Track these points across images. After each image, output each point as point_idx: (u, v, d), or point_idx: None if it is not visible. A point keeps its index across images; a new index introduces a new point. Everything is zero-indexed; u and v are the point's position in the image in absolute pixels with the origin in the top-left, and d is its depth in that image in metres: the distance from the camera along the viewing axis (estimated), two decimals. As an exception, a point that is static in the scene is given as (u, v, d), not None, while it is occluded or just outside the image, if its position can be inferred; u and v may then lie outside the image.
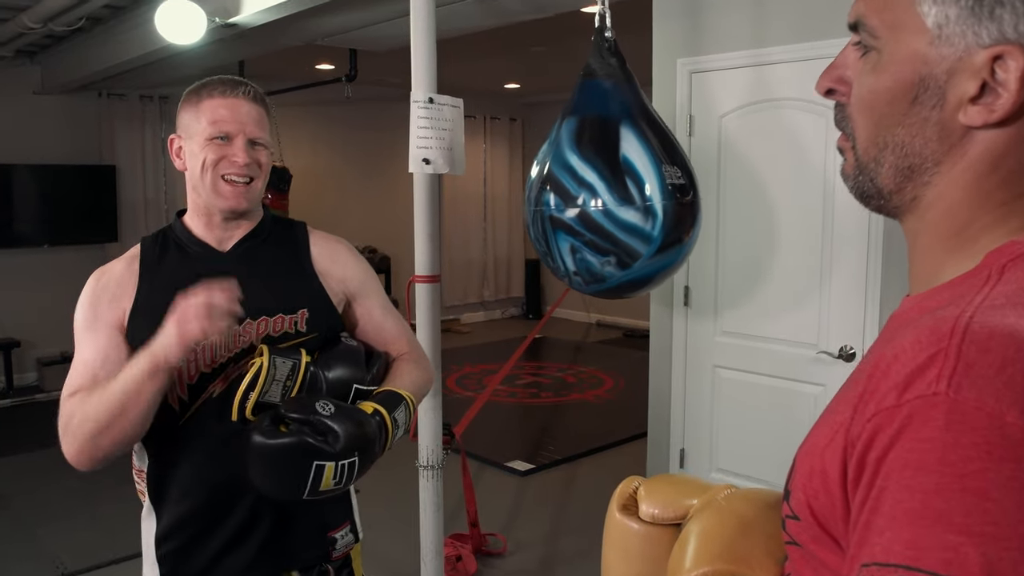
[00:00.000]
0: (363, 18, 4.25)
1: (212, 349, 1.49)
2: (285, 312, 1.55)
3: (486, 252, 10.13)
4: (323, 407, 1.40)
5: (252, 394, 1.42)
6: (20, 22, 4.86)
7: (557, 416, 6.12)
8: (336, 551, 1.63)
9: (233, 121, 1.53)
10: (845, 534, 0.63)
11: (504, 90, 9.08)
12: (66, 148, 6.96)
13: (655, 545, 0.93)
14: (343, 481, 1.39)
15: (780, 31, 3.11)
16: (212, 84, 1.56)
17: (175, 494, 1.53)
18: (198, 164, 1.53)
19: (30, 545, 3.91)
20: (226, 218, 1.58)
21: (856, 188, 0.74)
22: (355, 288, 1.67)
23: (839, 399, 0.68)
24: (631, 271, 2.54)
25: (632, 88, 2.62)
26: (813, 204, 3.08)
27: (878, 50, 0.69)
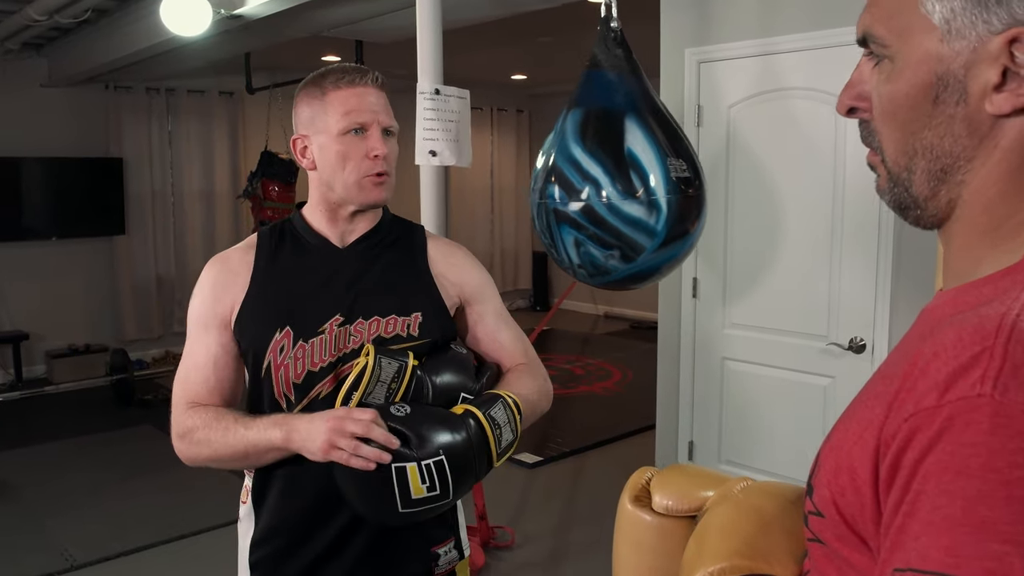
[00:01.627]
0: (368, 9, 4.23)
1: (321, 348, 1.45)
2: (399, 314, 1.49)
3: (493, 244, 10.11)
4: (397, 409, 1.35)
5: (355, 393, 1.37)
6: (26, 14, 4.86)
7: (565, 408, 6.11)
8: (439, 567, 1.55)
9: (366, 111, 1.47)
10: (874, 535, 0.61)
11: (511, 81, 9.04)
12: (73, 141, 6.96)
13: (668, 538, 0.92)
14: (438, 486, 1.31)
15: (789, 20, 3.08)
16: (335, 74, 1.49)
17: (277, 497, 1.49)
18: (336, 161, 1.47)
19: (39, 537, 3.92)
20: (356, 212, 1.53)
21: (893, 201, 0.72)
22: (470, 293, 1.60)
23: (869, 394, 0.66)
24: (635, 265, 2.53)
25: (638, 79, 2.60)
26: (823, 194, 3.05)
27: (890, 58, 0.67)
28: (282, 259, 1.53)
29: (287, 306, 1.47)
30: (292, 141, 1.54)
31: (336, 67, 1.51)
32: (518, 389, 1.49)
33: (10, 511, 4.25)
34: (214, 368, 1.48)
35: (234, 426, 1.41)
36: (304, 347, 1.44)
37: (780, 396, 3.25)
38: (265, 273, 1.51)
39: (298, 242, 1.55)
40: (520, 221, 10.27)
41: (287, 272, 1.51)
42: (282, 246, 1.55)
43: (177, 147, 7.52)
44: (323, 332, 1.45)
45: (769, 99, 3.18)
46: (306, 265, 1.52)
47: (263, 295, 1.49)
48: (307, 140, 1.51)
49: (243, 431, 1.40)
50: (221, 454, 1.42)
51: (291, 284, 1.50)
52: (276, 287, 1.49)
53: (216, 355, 1.48)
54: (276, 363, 1.45)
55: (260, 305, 1.48)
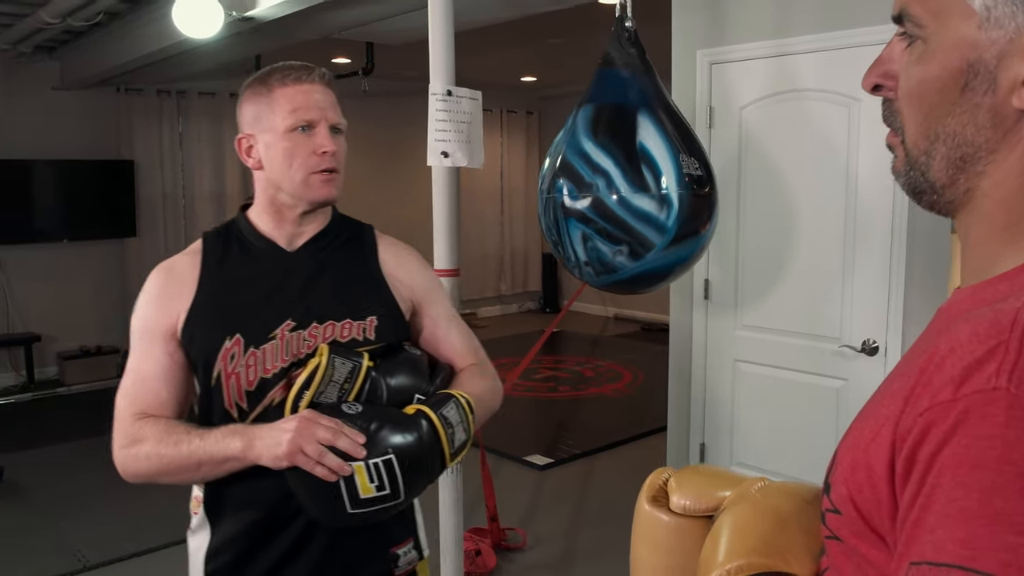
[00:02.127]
0: (380, 11, 4.24)
1: (273, 354, 1.42)
2: (354, 318, 1.47)
3: (503, 246, 10.11)
4: (349, 408, 1.33)
5: (307, 393, 1.34)
6: (38, 18, 4.89)
7: (575, 410, 6.10)
8: (399, 568, 1.54)
9: (313, 108, 1.45)
10: (891, 530, 0.61)
11: (521, 83, 9.05)
12: (85, 143, 7.00)
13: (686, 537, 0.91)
14: (387, 486, 1.30)
15: (802, 21, 3.07)
16: (281, 71, 1.47)
17: (232, 507, 1.45)
18: (281, 158, 1.44)
19: (52, 537, 3.93)
20: (305, 213, 1.49)
21: (908, 184, 0.71)
22: (421, 296, 1.58)
23: (885, 392, 0.66)
24: (644, 262, 2.48)
25: (651, 78, 2.59)
26: (836, 196, 3.04)
27: (924, 39, 0.66)
28: (229, 264, 1.49)
29: (236, 312, 1.44)
30: (237, 141, 1.50)
31: (282, 65, 1.48)
32: (470, 389, 1.49)
33: (23, 512, 4.26)
34: (163, 380, 1.42)
35: (186, 437, 1.35)
36: (256, 353, 1.41)
37: (792, 398, 3.24)
38: (212, 279, 1.46)
39: (245, 246, 1.50)
40: (530, 223, 10.26)
41: (235, 277, 1.47)
42: (228, 251, 1.50)
43: (188, 149, 7.55)
44: (274, 338, 1.42)
45: (782, 100, 3.17)
46: (255, 270, 1.48)
47: (211, 302, 1.44)
48: (252, 139, 1.48)
49: (198, 442, 1.34)
50: (172, 468, 1.35)
51: (240, 290, 1.46)
52: (224, 293, 1.45)
53: (165, 366, 1.42)
54: (227, 371, 1.41)
55: (208, 313, 1.43)
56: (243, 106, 1.49)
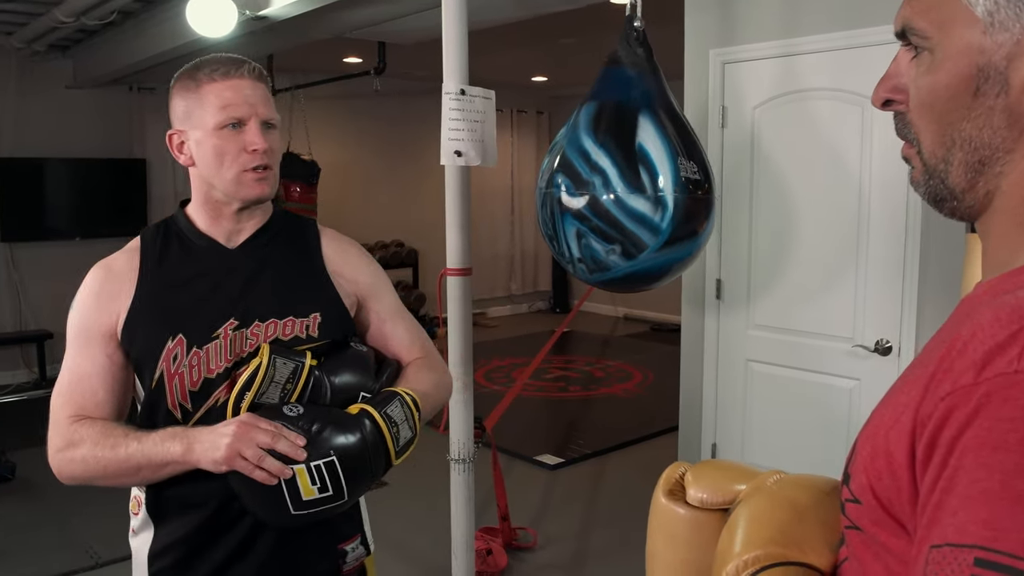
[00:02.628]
0: (392, 10, 4.24)
1: (216, 354, 1.40)
2: (296, 316, 1.45)
3: (513, 246, 10.12)
4: (290, 410, 1.31)
5: (247, 394, 1.32)
6: (53, 16, 4.92)
7: (585, 410, 6.10)
8: (347, 564, 1.53)
9: (242, 104, 1.40)
10: (911, 517, 0.61)
11: (531, 83, 9.05)
12: (97, 142, 7.03)
13: (702, 530, 0.91)
14: (330, 487, 1.28)
15: (814, 20, 3.06)
16: (209, 65, 1.42)
17: (176, 507, 1.42)
18: (213, 156, 1.40)
19: (64, 534, 3.96)
20: (241, 209, 1.46)
21: (928, 193, 0.72)
22: (365, 290, 1.57)
23: (905, 380, 0.67)
24: (636, 262, 2.48)
25: (656, 79, 2.58)
26: (848, 195, 3.03)
27: (930, 50, 0.68)
28: (169, 262, 1.45)
29: (178, 312, 1.41)
30: (168, 136, 1.47)
31: (211, 58, 1.44)
32: (416, 384, 1.46)
33: (35, 508, 4.29)
34: (101, 380, 1.38)
35: (124, 440, 1.32)
36: (199, 353, 1.38)
37: (805, 398, 3.23)
38: (152, 278, 1.43)
39: (184, 243, 1.47)
40: (539, 223, 10.26)
41: (175, 276, 1.44)
42: (168, 248, 1.46)
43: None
44: (218, 337, 1.40)
45: (794, 100, 3.16)
46: (195, 268, 1.45)
47: (152, 302, 1.41)
48: (184, 135, 1.44)
49: (136, 445, 1.31)
50: (110, 472, 1.32)
51: (181, 288, 1.43)
52: (165, 292, 1.41)
53: (103, 366, 1.39)
54: (170, 372, 1.38)
55: (149, 312, 1.40)
56: (173, 100, 1.45)
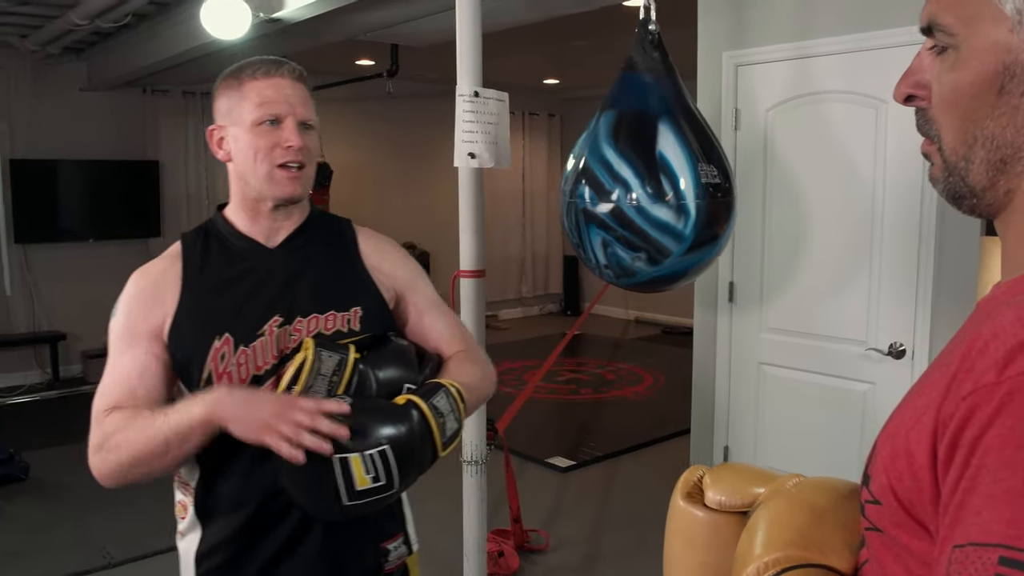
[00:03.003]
0: (405, 12, 4.25)
1: (263, 351, 1.42)
2: (337, 309, 1.47)
3: (524, 248, 10.12)
4: (340, 400, 1.33)
5: (295, 388, 1.33)
6: (68, 19, 4.94)
7: (597, 413, 6.09)
8: (388, 563, 1.54)
9: (281, 102, 1.44)
10: (933, 517, 0.61)
11: (543, 86, 9.05)
12: (111, 144, 7.07)
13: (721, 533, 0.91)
14: (383, 477, 1.28)
15: (827, 23, 3.05)
16: (252, 65, 1.47)
17: (224, 507, 1.43)
18: (248, 151, 1.44)
19: (77, 534, 3.97)
20: (276, 207, 1.48)
21: (947, 190, 0.72)
22: (404, 285, 1.58)
23: (925, 381, 0.66)
24: (661, 268, 2.53)
25: (673, 83, 2.59)
26: (862, 198, 3.02)
27: (955, 47, 0.67)
28: (211, 265, 1.47)
29: (223, 312, 1.42)
30: (208, 132, 1.50)
31: (254, 59, 1.48)
32: (460, 377, 1.47)
33: (48, 508, 4.31)
34: (141, 377, 1.39)
35: (151, 418, 1.32)
36: (246, 352, 1.40)
37: (818, 402, 3.22)
38: (196, 282, 1.45)
39: (225, 245, 1.50)
40: (551, 225, 10.26)
41: (219, 278, 1.46)
42: (208, 252, 1.49)
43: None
44: (263, 335, 1.42)
45: (807, 102, 3.15)
46: (237, 268, 1.47)
47: (197, 304, 1.43)
48: (223, 131, 1.48)
49: (159, 420, 1.31)
50: (140, 453, 1.31)
51: (225, 289, 1.45)
52: (210, 294, 1.44)
53: (144, 364, 1.39)
54: (218, 371, 1.40)
55: (195, 315, 1.42)
56: (217, 99, 1.50)
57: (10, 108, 6.59)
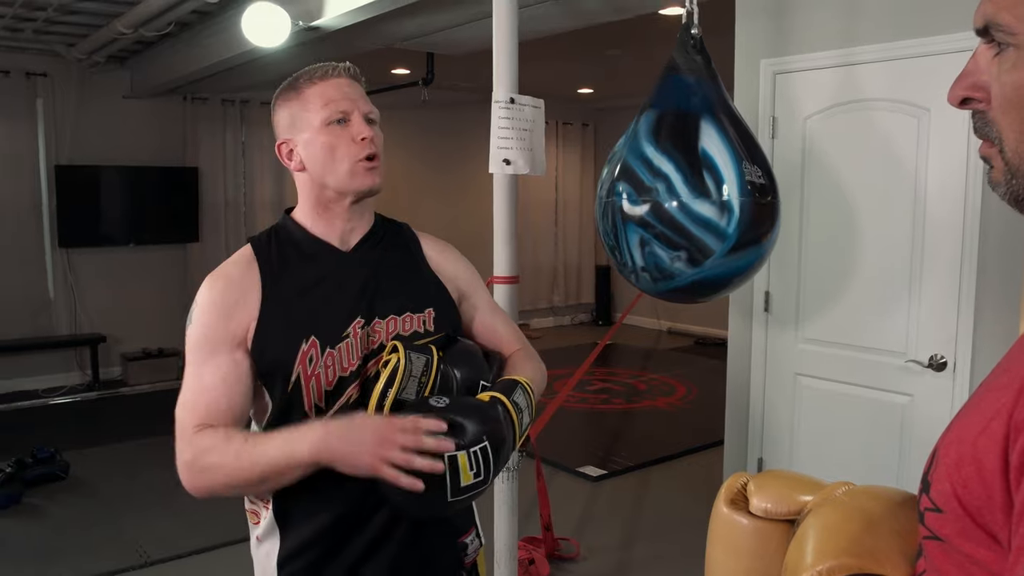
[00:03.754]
0: (443, 20, 4.28)
1: (348, 352, 1.42)
2: (413, 311, 1.49)
3: (556, 257, 10.11)
4: (436, 401, 1.35)
5: (391, 391, 1.34)
6: (114, 28, 5.05)
7: (628, 423, 6.06)
8: (468, 556, 1.55)
9: (344, 99, 1.46)
10: (1004, 526, 0.59)
11: (577, 95, 9.06)
12: (152, 150, 7.20)
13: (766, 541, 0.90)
14: (482, 472, 1.31)
15: (870, 30, 3.02)
16: (307, 73, 1.49)
17: (307, 510, 1.42)
18: (324, 152, 1.45)
19: (115, 532, 4.03)
20: (354, 203, 1.49)
21: (1010, 193, 0.70)
22: (465, 287, 1.62)
23: (991, 386, 0.65)
24: (702, 269, 2.42)
25: (716, 86, 2.56)
26: (903, 207, 2.98)
27: (1016, 46, 0.66)
28: (290, 268, 1.48)
29: (307, 315, 1.43)
30: (277, 147, 1.52)
31: (308, 68, 1.50)
32: (525, 373, 1.52)
33: (87, 507, 4.38)
34: (224, 387, 1.38)
35: (245, 447, 1.31)
36: (333, 354, 1.41)
37: (855, 414, 3.17)
38: (277, 285, 1.45)
39: (300, 249, 1.50)
40: (584, 235, 10.25)
41: (299, 280, 1.46)
42: (285, 256, 1.49)
43: (250, 157, 7.72)
44: (348, 336, 1.43)
45: (848, 110, 3.12)
46: (316, 271, 1.48)
47: (281, 308, 1.43)
48: (291, 143, 1.49)
49: (261, 451, 1.30)
50: (236, 480, 1.32)
51: (306, 293, 1.46)
52: (292, 298, 1.44)
53: (227, 373, 1.39)
54: (307, 374, 1.40)
55: (280, 319, 1.42)
56: (277, 113, 1.52)
57: (56, 115, 6.73)
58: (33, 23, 5.37)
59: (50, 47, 6.14)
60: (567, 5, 3.88)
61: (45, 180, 6.75)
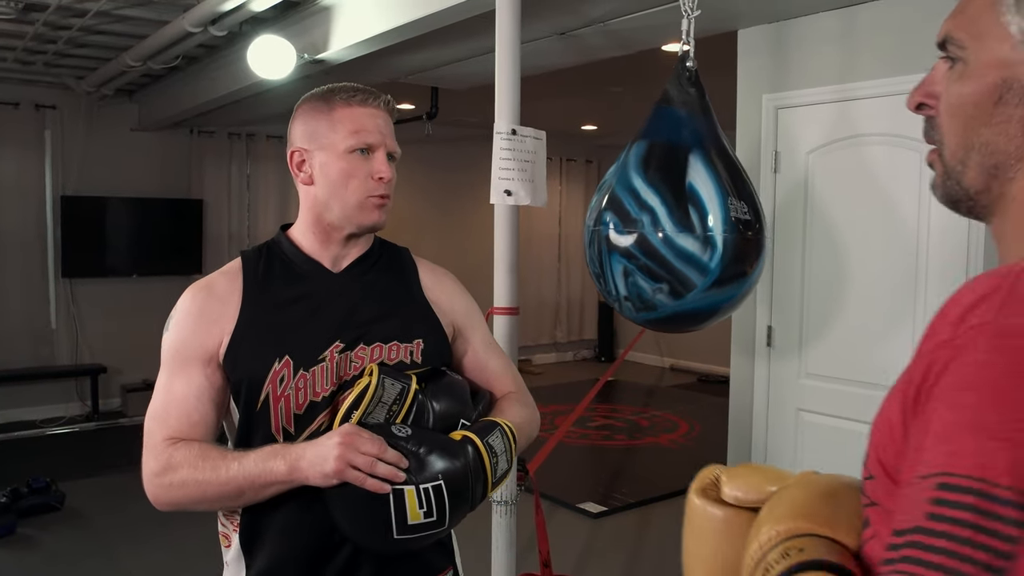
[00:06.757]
0: (447, 55, 4.33)
1: (322, 376, 1.38)
2: (400, 340, 1.44)
3: (559, 293, 10.10)
4: (399, 430, 1.30)
5: (355, 413, 1.29)
6: (122, 61, 5.11)
7: (630, 459, 6.00)
8: None
9: (375, 132, 1.42)
10: None
11: (580, 132, 9.12)
12: (157, 182, 7.24)
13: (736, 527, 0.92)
14: (435, 512, 1.26)
15: (870, 66, 3.05)
16: (347, 91, 1.44)
17: (272, 538, 1.38)
18: (339, 179, 1.41)
19: (110, 564, 3.98)
20: (351, 236, 1.46)
21: (944, 194, 0.79)
22: (462, 320, 1.56)
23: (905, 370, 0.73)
24: (683, 302, 2.43)
25: (708, 120, 2.57)
26: (906, 241, 2.97)
27: (964, 60, 0.75)
28: (274, 285, 1.43)
29: (285, 334, 1.38)
30: (289, 154, 1.47)
31: (346, 85, 1.46)
32: (512, 417, 1.44)
33: (82, 537, 4.33)
34: (197, 401, 1.35)
35: (223, 462, 1.29)
36: (305, 376, 1.36)
37: (858, 449, 3.11)
38: (257, 300, 1.41)
39: (289, 266, 1.46)
40: (586, 271, 10.21)
41: (281, 298, 1.42)
42: (272, 271, 1.45)
43: (255, 190, 7.76)
44: (324, 360, 1.38)
45: (850, 145, 3.13)
46: (300, 290, 1.43)
47: (258, 324, 1.39)
48: (306, 154, 1.44)
49: (237, 466, 1.28)
50: (210, 495, 1.30)
51: (286, 311, 1.41)
52: (270, 314, 1.40)
53: (200, 387, 1.36)
54: (276, 394, 1.36)
55: (255, 334, 1.38)
56: (299, 120, 1.46)
57: (64, 147, 6.78)
58: (44, 56, 5.43)
59: (60, 80, 6.21)
60: (569, 40, 3.92)
61: (51, 210, 6.78)
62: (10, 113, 6.56)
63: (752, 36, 3.47)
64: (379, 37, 3.68)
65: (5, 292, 6.68)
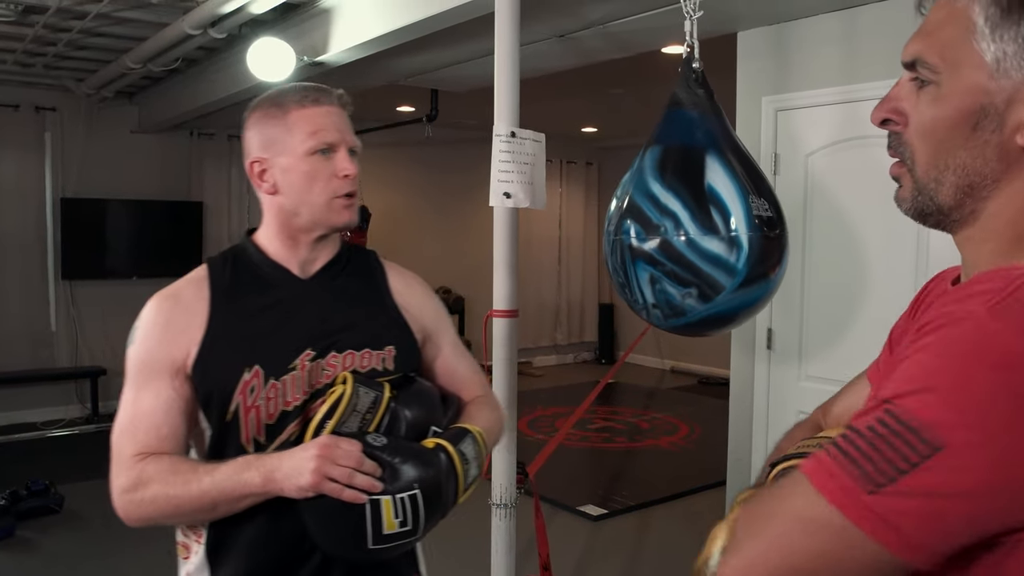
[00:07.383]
0: (446, 57, 4.32)
1: (294, 385, 1.35)
2: (372, 347, 1.42)
3: (559, 295, 10.09)
4: (374, 439, 1.29)
5: (329, 422, 1.28)
6: (122, 63, 5.12)
7: (630, 462, 5.99)
8: None
9: (333, 130, 1.39)
10: None
11: (581, 134, 9.12)
12: (157, 185, 7.24)
13: None
14: (410, 521, 1.25)
15: (871, 67, 3.04)
16: (296, 93, 1.41)
17: (239, 549, 1.36)
18: (303, 182, 1.38)
19: (107, 568, 3.98)
20: (320, 238, 1.44)
21: (914, 208, 0.82)
22: (431, 325, 1.54)
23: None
24: (713, 305, 2.41)
25: (719, 119, 2.56)
26: (908, 243, 2.96)
27: (937, 84, 0.76)
28: (242, 292, 1.41)
29: (254, 343, 1.36)
30: (249, 165, 1.43)
31: (295, 86, 1.44)
32: (481, 422, 1.44)
33: (80, 540, 4.33)
34: (165, 415, 1.33)
35: (195, 476, 1.27)
36: (276, 385, 1.34)
37: (859, 453, 3.12)
38: (225, 309, 1.38)
39: (257, 273, 1.43)
40: (587, 273, 10.24)
41: (250, 306, 1.39)
42: (239, 278, 1.42)
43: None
44: (295, 368, 1.36)
45: (850, 147, 3.12)
46: (269, 298, 1.41)
47: (226, 333, 1.36)
48: (266, 163, 1.40)
49: (209, 480, 1.26)
50: (183, 509, 1.28)
51: (255, 319, 1.38)
52: (239, 323, 1.37)
53: (168, 400, 1.33)
54: (246, 405, 1.33)
55: (224, 344, 1.35)
56: (253, 128, 1.43)
57: (64, 149, 6.78)
58: (43, 58, 5.43)
59: (60, 82, 6.21)
60: (569, 42, 3.91)
61: (51, 213, 6.77)
62: (10, 115, 6.56)
63: (752, 38, 3.47)
64: (379, 39, 3.68)
65: (5, 294, 6.67)
